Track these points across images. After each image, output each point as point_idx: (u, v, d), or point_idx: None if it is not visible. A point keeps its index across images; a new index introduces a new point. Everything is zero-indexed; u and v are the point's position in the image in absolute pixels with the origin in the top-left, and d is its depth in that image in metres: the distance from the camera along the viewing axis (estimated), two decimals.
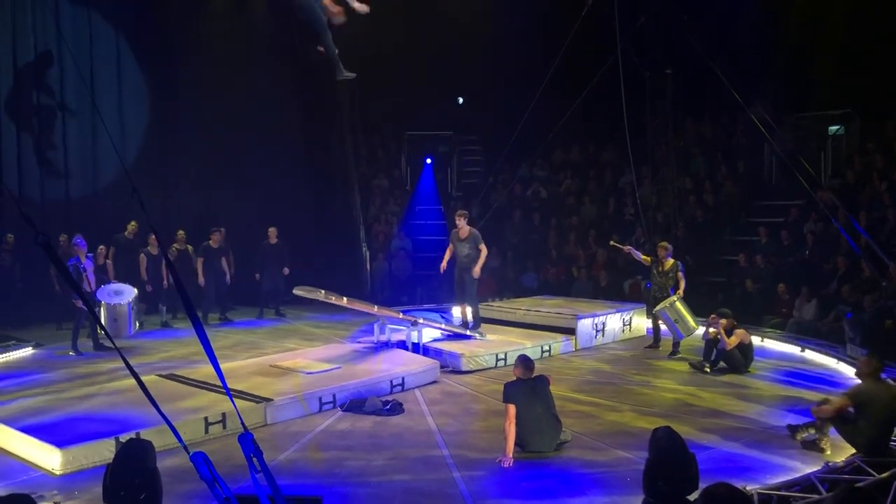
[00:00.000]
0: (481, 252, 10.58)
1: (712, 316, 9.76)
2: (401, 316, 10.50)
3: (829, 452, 6.54)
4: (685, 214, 14.84)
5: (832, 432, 6.65)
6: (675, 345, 10.61)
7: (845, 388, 7.69)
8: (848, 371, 9.47)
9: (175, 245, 13.16)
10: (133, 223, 13.09)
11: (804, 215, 13.51)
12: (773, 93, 14.85)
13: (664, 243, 11.20)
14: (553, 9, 16.19)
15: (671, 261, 10.87)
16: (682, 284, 10.66)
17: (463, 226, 10.65)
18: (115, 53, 14.18)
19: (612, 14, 14.00)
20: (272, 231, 13.78)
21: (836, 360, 9.95)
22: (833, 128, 15.29)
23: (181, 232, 13.32)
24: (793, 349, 10.80)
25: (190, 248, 13.29)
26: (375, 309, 10.49)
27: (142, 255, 12.71)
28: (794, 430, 6.83)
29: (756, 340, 10.29)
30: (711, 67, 12.81)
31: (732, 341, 9.48)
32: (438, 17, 17.11)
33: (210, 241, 13.31)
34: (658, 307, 10.58)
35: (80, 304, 10.36)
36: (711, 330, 9.83)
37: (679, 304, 10.37)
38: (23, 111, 13.36)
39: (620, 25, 14.01)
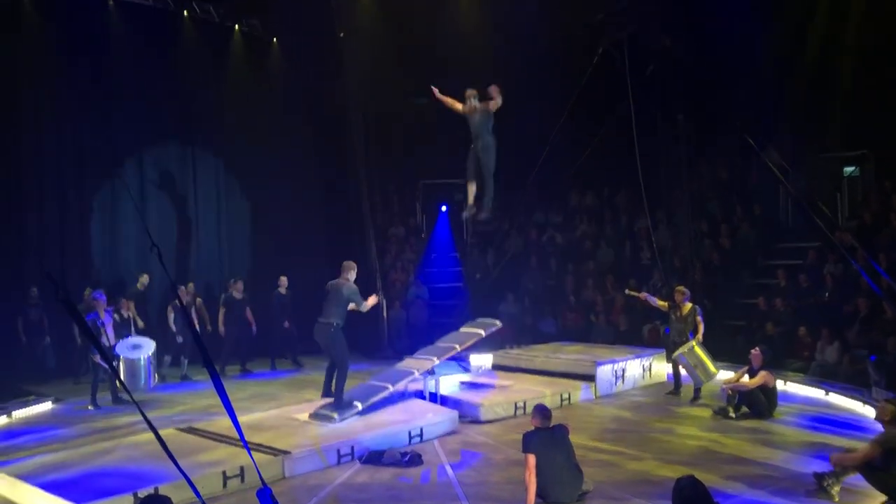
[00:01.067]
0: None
1: (752, 351, 9.67)
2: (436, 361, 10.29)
3: (837, 500, 6.41)
4: (702, 257, 14.76)
5: (858, 478, 6.51)
6: (697, 390, 10.48)
7: (872, 434, 7.53)
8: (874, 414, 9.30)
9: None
10: (145, 275, 13.20)
11: (822, 257, 13.39)
12: (786, 135, 14.89)
13: (681, 287, 11.15)
14: (565, 56, 16.40)
15: (689, 305, 10.80)
16: (701, 329, 10.57)
17: (474, 100, 10.19)
18: (136, 110, 14.45)
19: (622, 61, 14.19)
20: (283, 280, 13.83)
21: (861, 404, 9.77)
22: (848, 169, 15.25)
23: (191, 284, 13.44)
24: (817, 393, 10.63)
25: (199, 300, 13.38)
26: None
27: (169, 307, 12.85)
28: (820, 478, 6.68)
29: (779, 384, 10.14)
30: (724, 111, 12.92)
31: (754, 382, 9.35)
32: (452, 65, 17.37)
33: (233, 292, 13.41)
34: (676, 352, 10.49)
35: (98, 358, 10.41)
36: (729, 377, 9.74)
37: (698, 349, 10.27)
38: (46, 167, 13.60)
39: (631, 71, 14.18)
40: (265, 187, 15.77)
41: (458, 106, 10.27)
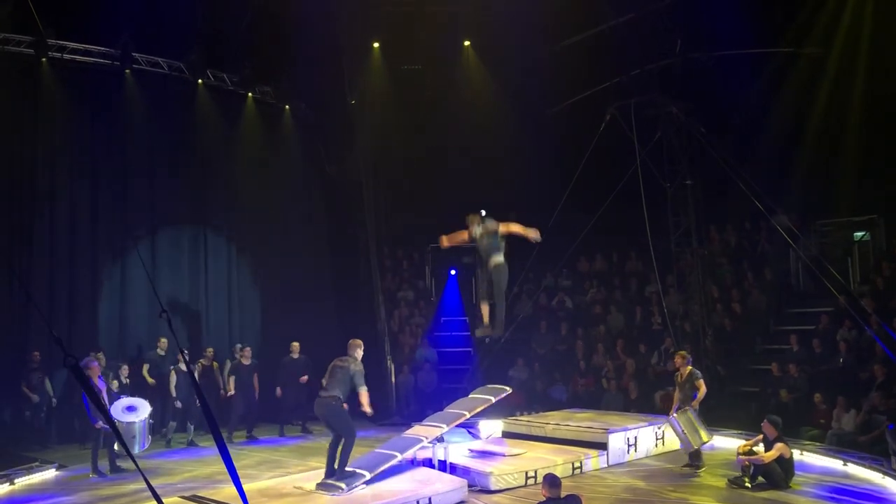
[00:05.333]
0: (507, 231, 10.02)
1: (763, 423, 9.51)
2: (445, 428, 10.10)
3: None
4: (713, 323, 14.65)
5: None
6: (690, 456, 10.28)
7: None
8: (895, 486, 9.07)
9: (201, 361, 13.22)
10: (163, 339, 13.18)
11: (835, 322, 13.27)
12: (795, 200, 14.93)
13: (682, 352, 11.13)
14: (573, 122, 16.62)
15: (689, 368, 10.71)
16: (700, 394, 10.42)
17: (477, 223, 9.99)
18: (148, 177, 14.63)
19: (630, 126, 14.37)
20: (295, 346, 13.78)
21: (881, 475, 9.52)
22: (858, 234, 15.24)
23: (210, 349, 13.40)
24: (834, 463, 10.37)
25: (216, 364, 13.33)
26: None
27: (172, 371, 12.76)
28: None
29: (796, 454, 9.91)
30: (732, 176, 13.00)
31: (769, 455, 9.15)
32: (461, 131, 17.64)
33: (241, 358, 13.34)
34: (671, 416, 10.38)
35: (100, 425, 10.27)
36: (742, 445, 9.55)
37: (690, 415, 10.14)
38: (58, 231, 13.70)
39: (639, 137, 14.33)
40: (275, 251, 15.84)
41: (464, 235, 10.09)
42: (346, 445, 8.80)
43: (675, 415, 10.26)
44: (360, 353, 9.05)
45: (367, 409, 8.81)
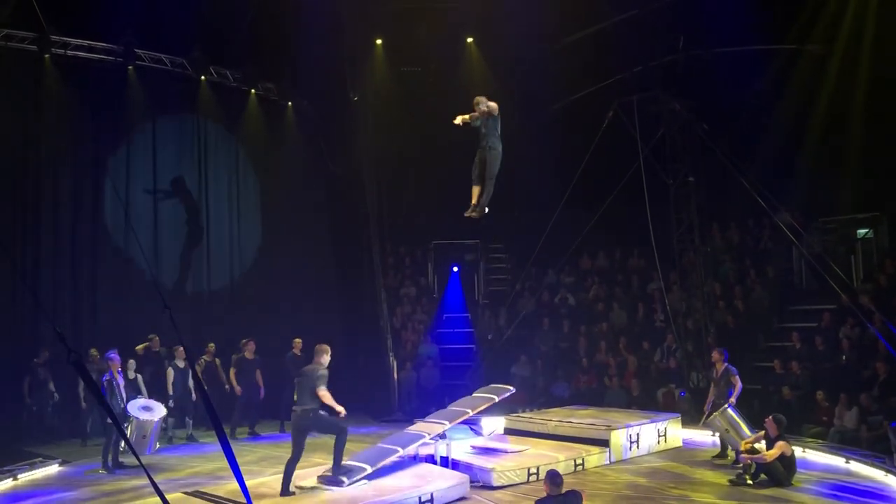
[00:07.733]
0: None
1: (766, 420, 9.52)
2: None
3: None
4: (716, 320, 14.64)
5: None
6: (737, 453, 10.29)
7: None
8: None
9: (204, 357, 13.21)
10: (154, 336, 13.14)
11: (838, 320, 13.25)
12: (798, 197, 14.91)
13: (718, 348, 11.25)
14: (576, 119, 16.60)
15: (723, 365, 10.78)
16: (736, 390, 10.51)
17: (484, 105, 9.90)
18: (150, 174, 14.64)
19: (633, 123, 14.36)
20: (297, 342, 13.76)
21: (884, 473, 9.52)
22: (861, 231, 15.20)
23: (211, 344, 13.39)
24: (837, 460, 10.36)
25: (218, 361, 13.31)
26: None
27: (169, 368, 12.75)
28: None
29: (797, 451, 9.92)
30: (735, 174, 12.99)
31: (771, 454, 9.15)
32: (463, 127, 17.58)
33: (245, 353, 13.33)
34: (710, 418, 10.38)
35: (129, 410, 10.30)
36: (745, 444, 9.56)
37: (730, 412, 10.14)
38: (61, 229, 13.71)
39: (641, 134, 14.32)
40: (277, 247, 15.84)
41: (468, 117, 9.95)
42: (338, 442, 8.67)
43: (715, 415, 10.28)
44: (326, 358, 8.68)
45: (337, 408, 8.46)
